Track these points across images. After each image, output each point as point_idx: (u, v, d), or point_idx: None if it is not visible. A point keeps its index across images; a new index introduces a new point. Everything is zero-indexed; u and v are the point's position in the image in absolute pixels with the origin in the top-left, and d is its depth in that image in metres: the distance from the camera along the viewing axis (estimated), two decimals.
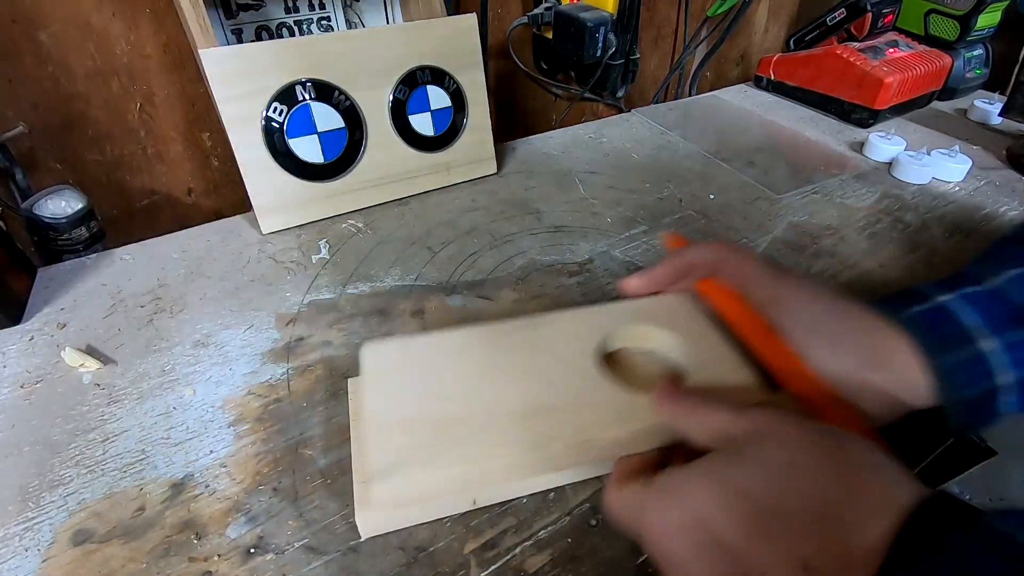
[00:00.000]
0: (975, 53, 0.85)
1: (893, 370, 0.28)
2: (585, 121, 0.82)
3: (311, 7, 0.61)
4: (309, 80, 0.51)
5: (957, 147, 0.65)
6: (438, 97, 0.58)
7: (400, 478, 0.28)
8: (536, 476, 0.31)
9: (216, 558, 0.30)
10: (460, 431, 0.31)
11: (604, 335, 0.36)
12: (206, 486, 0.33)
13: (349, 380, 0.37)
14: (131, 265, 0.50)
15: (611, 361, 0.36)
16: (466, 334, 0.36)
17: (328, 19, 0.62)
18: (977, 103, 0.80)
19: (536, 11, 0.74)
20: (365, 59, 0.53)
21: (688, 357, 0.35)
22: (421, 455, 0.29)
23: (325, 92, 0.52)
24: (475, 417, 0.31)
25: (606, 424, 0.31)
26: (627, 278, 0.38)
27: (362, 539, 0.30)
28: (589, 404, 0.32)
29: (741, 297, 0.33)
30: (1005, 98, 0.78)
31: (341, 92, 0.53)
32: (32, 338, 0.43)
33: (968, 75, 0.84)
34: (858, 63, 0.75)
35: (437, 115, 0.58)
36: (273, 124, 0.50)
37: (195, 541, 0.30)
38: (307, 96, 0.51)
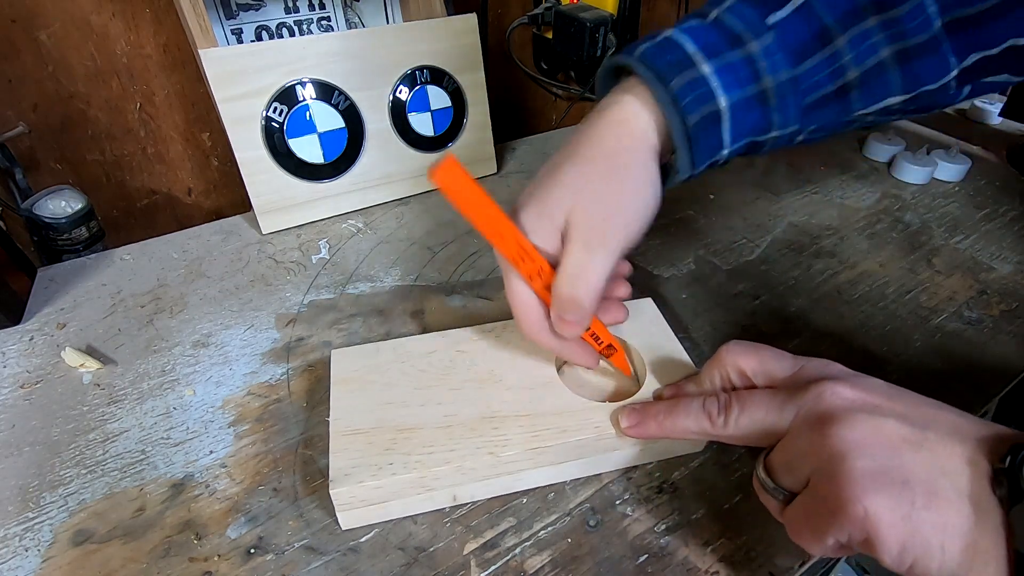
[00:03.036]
0: None
1: (613, 122, 0.29)
2: None
3: (311, 7, 0.60)
4: (309, 80, 0.51)
5: (956, 147, 0.65)
6: (438, 97, 0.58)
7: (358, 484, 0.29)
8: (489, 480, 0.32)
9: (216, 558, 0.30)
10: (417, 438, 0.31)
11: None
12: (206, 486, 0.33)
13: (333, 352, 0.37)
14: (131, 265, 0.50)
15: (569, 367, 0.37)
16: (429, 340, 0.37)
17: (328, 19, 0.62)
18: (977, 103, 0.80)
19: (536, 11, 0.74)
20: (365, 59, 0.53)
21: (644, 356, 0.36)
22: (378, 461, 0.30)
23: (325, 92, 0.52)
24: (432, 425, 0.32)
25: (562, 430, 0.32)
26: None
27: (342, 529, 0.31)
28: (547, 411, 0.33)
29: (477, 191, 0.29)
30: (1005, 98, 0.78)
31: (341, 92, 0.53)
32: (32, 338, 0.43)
33: None
34: None
35: (437, 115, 0.58)
36: (273, 124, 0.50)
37: (195, 541, 0.30)
38: (307, 96, 0.51)
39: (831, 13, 0.28)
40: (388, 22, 0.65)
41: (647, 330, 0.38)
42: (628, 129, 0.29)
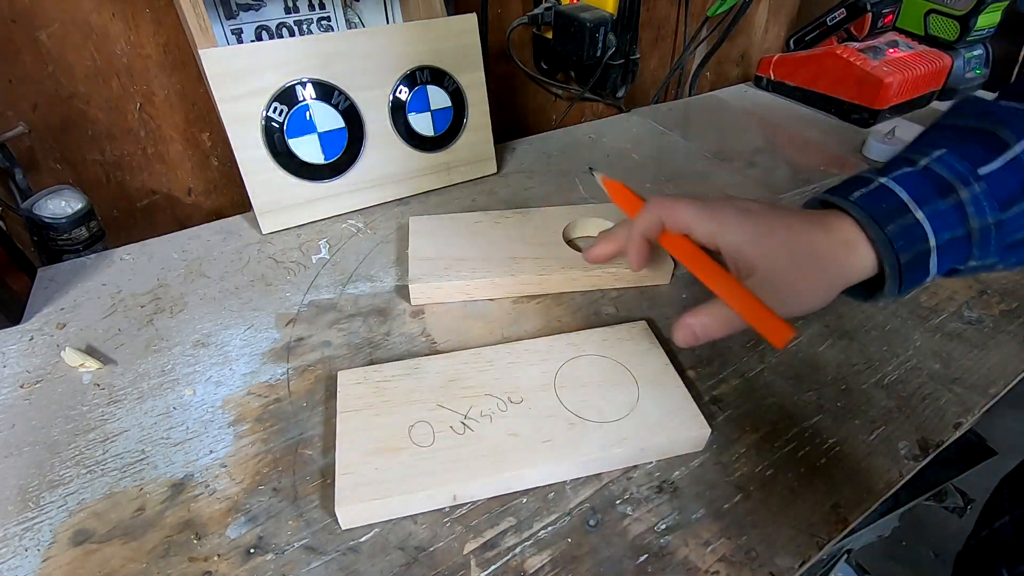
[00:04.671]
0: (975, 53, 0.85)
1: (838, 241, 0.33)
2: (585, 121, 0.82)
3: (311, 7, 0.60)
4: (309, 80, 0.51)
5: None
6: (438, 97, 0.58)
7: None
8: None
9: (216, 558, 0.30)
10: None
11: (568, 223, 0.51)
12: (206, 486, 0.33)
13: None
14: (131, 265, 0.50)
15: (571, 244, 0.50)
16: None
17: (328, 19, 0.62)
18: None
19: (536, 11, 0.74)
20: (365, 59, 0.53)
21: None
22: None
23: (325, 92, 0.52)
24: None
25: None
26: (589, 248, 0.42)
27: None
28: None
29: (699, 250, 0.37)
30: None
31: (341, 92, 0.53)
32: (32, 338, 0.43)
33: (968, 75, 0.84)
34: (858, 63, 0.75)
35: (437, 115, 0.58)
36: (273, 124, 0.50)
37: (195, 541, 0.30)
38: (307, 96, 0.51)
39: None
40: (388, 22, 0.65)
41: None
42: (849, 250, 0.33)
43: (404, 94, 0.56)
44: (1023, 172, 0.31)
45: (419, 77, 0.56)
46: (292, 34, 0.60)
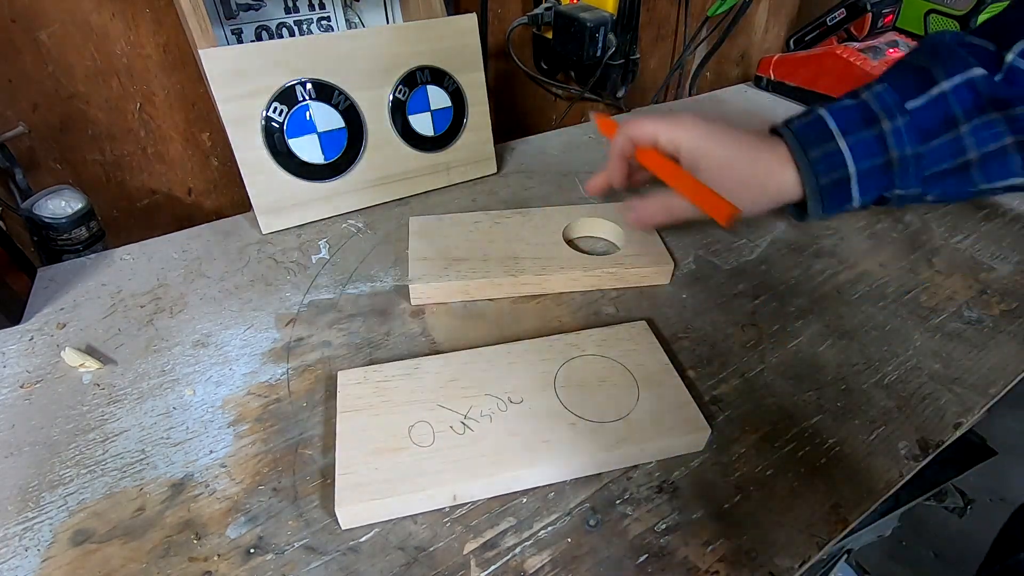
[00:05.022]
0: None
1: (769, 164, 0.39)
2: (585, 121, 0.82)
3: (311, 7, 0.60)
4: (309, 80, 0.51)
5: None
6: (438, 97, 0.58)
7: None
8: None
9: (216, 558, 0.30)
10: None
11: (568, 223, 0.51)
12: (206, 486, 0.33)
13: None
14: (131, 265, 0.50)
15: (572, 244, 0.51)
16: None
17: (328, 19, 0.62)
18: None
19: (536, 11, 0.74)
20: (365, 59, 0.53)
21: (626, 239, 0.50)
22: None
23: (325, 92, 0.52)
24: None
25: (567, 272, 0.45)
26: (589, 180, 0.49)
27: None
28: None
29: (661, 155, 0.43)
30: None
31: (341, 92, 0.53)
32: (32, 338, 0.43)
33: None
34: (858, 63, 0.75)
35: (437, 115, 0.58)
36: (273, 124, 0.50)
37: (195, 541, 0.30)
38: (307, 96, 0.51)
39: (960, 105, 0.34)
40: (388, 22, 0.65)
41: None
42: (783, 168, 0.39)
43: (404, 94, 0.56)
44: (945, 108, 0.34)
45: (419, 77, 0.56)
46: (292, 34, 0.61)
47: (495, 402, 0.35)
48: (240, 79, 0.48)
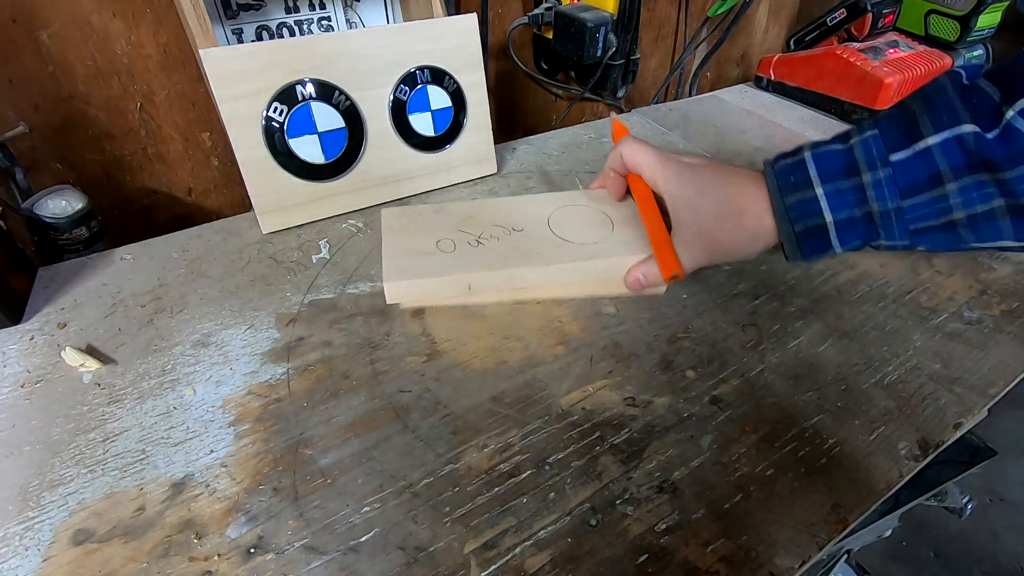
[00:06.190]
0: (975, 53, 0.85)
1: (748, 212, 0.38)
2: (585, 121, 0.82)
3: (311, 7, 0.61)
4: (309, 80, 0.51)
5: None
6: (438, 97, 0.58)
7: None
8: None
9: (216, 558, 0.30)
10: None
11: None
12: (206, 486, 0.33)
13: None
14: (131, 265, 0.50)
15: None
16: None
17: (328, 19, 0.62)
18: None
19: (536, 11, 0.74)
20: (365, 59, 0.53)
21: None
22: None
23: (325, 92, 0.52)
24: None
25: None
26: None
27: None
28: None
29: (643, 184, 0.44)
30: None
31: (341, 92, 0.53)
32: (32, 338, 0.43)
33: None
34: (858, 63, 0.75)
35: (437, 115, 0.58)
36: (273, 124, 0.50)
37: (195, 541, 0.30)
38: (307, 96, 0.51)
39: (947, 162, 0.32)
40: (388, 22, 0.65)
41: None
42: (759, 210, 0.38)
43: (404, 94, 0.56)
44: (930, 164, 0.32)
45: (419, 77, 0.56)
46: (292, 34, 0.61)
47: (501, 230, 0.46)
48: (240, 79, 0.48)
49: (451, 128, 0.59)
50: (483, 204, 0.50)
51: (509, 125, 0.86)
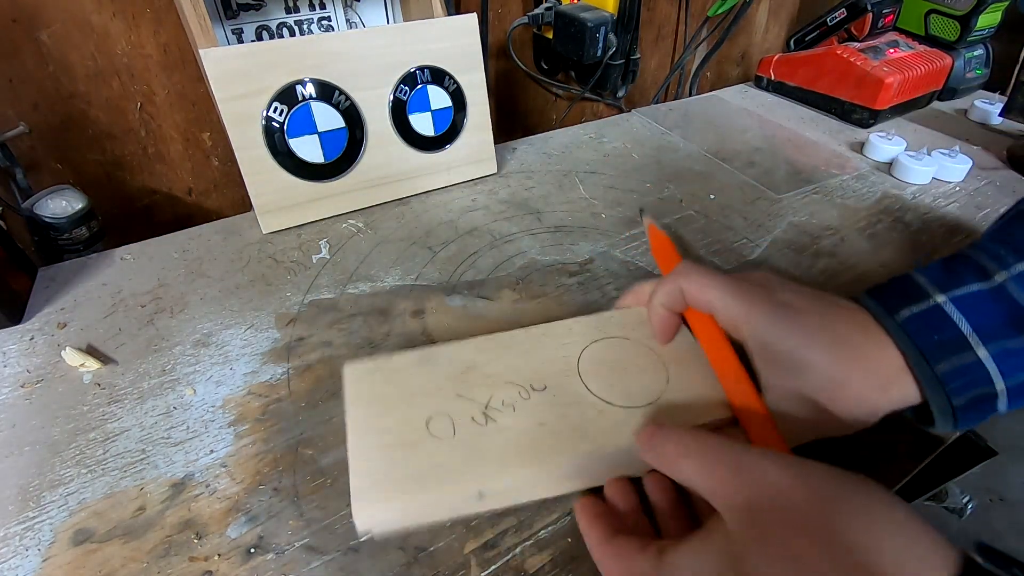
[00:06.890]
0: (975, 53, 0.85)
1: (877, 373, 0.28)
2: (585, 121, 0.82)
3: (311, 7, 0.61)
4: (309, 80, 0.51)
5: (957, 147, 0.65)
6: (438, 97, 0.58)
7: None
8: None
9: (216, 558, 0.30)
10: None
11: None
12: (206, 486, 0.33)
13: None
14: (131, 265, 0.50)
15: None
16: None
17: (328, 19, 0.62)
18: (977, 103, 0.80)
19: (536, 11, 0.74)
20: (365, 59, 0.53)
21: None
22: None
23: (325, 92, 0.52)
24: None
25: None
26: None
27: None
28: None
29: (712, 321, 0.32)
30: (1005, 98, 0.78)
31: (341, 92, 0.53)
32: (32, 338, 0.43)
33: (968, 75, 0.84)
34: (858, 63, 0.75)
35: (437, 115, 0.58)
36: (273, 124, 0.50)
37: (195, 541, 0.30)
38: (307, 96, 0.51)
39: None
40: (388, 22, 0.65)
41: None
42: (895, 377, 0.28)
43: (404, 94, 0.56)
44: None
45: (419, 77, 0.56)
46: (292, 34, 0.61)
47: (517, 391, 0.32)
48: (240, 79, 0.48)
49: (451, 128, 0.59)
50: (486, 344, 0.35)
51: (509, 125, 0.86)
